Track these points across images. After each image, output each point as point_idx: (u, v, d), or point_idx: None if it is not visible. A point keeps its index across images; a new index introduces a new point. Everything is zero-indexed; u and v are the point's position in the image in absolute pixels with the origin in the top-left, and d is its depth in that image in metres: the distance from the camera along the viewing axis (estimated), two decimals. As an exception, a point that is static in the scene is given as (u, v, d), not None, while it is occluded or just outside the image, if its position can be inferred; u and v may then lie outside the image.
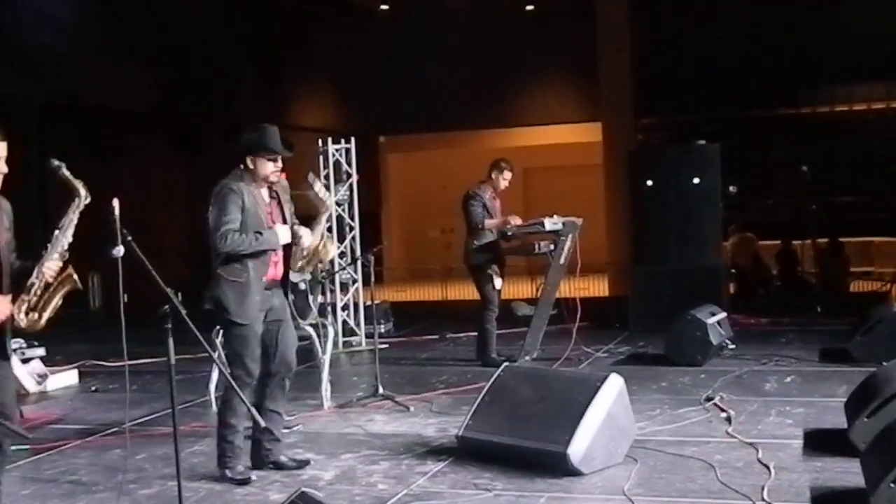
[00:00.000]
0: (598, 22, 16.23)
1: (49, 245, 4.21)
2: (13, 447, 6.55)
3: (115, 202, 4.13)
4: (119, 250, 4.12)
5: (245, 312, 5.41)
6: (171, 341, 4.03)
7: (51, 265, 4.19)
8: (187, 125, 14.54)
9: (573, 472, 5.26)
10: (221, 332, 6.93)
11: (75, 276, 4.23)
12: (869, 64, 16.24)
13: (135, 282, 4.18)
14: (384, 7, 19.12)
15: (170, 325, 3.99)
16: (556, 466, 5.29)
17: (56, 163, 4.26)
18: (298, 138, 6.55)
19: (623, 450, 5.57)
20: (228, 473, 5.49)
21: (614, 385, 5.55)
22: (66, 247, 4.22)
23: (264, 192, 5.56)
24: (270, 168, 5.48)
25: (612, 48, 16.03)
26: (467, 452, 5.79)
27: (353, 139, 10.92)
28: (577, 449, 5.27)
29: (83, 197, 4.28)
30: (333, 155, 10.73)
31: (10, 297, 4.17)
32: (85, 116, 13.27)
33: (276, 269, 5.60)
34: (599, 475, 5.30)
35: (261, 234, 5.40)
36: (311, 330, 7.67)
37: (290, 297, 5.80)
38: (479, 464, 5.58)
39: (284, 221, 5.62)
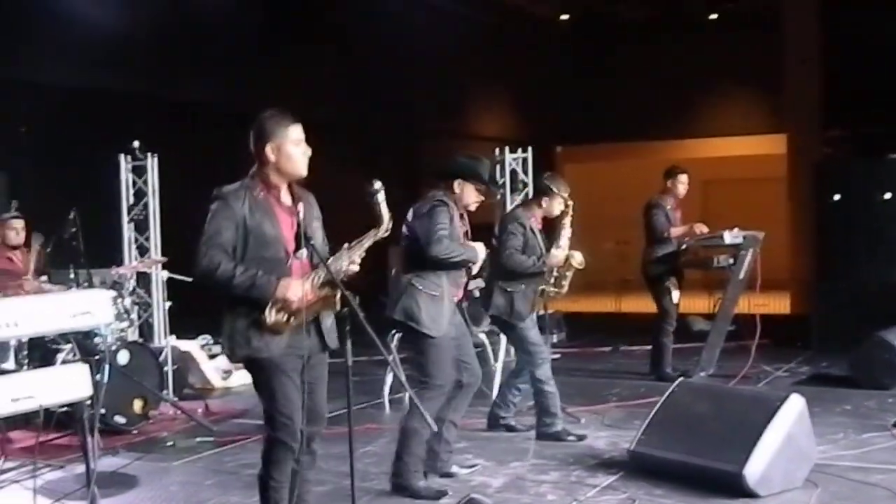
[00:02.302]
0: (785, 31, 15.72)
1: (332, 259, 4.23)
2: (198, 439, 6.90)
3: (301, 207, 4.26)
4: (302, 253, 4.25)
5: (439, 326, 5.47)
6: (349, 343, 4.14)
7: (316, 283, 4.20)
8: (367, 134, 14.87)
9: (749, 494, 5.12)
10: (399, 337, 7.07)
11: (338, 300, 4.19)
12: None
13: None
14: (564, 17, 19.06)
15: (348, 328, 4.09)
16: (732, 487, 5.16)
17: (378, 185, 4.29)
18: (476, 147, 6.63)
19: (803, 473, 5.38)
20: (421, 485, 5.44)
21: (795, 405, 5.36)
22: (346, 269, 4.22)
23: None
24: (475, 198, 5.66)
25: (799, 58, 15.49)
26: (638, 467, 5.71)
27: (529, 149, 10.95)
28: (753, 470, 5.12)
29: (384, 228, 4.30)
30: (510, 164, 10.80)
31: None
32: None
33: (462, 290, 5.70)
34: (777, 498, 5.14)
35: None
36: (484, 338, 7.72)
37: (465, 305, 5.85)
38: (651, 479, 5.50)
39: None
